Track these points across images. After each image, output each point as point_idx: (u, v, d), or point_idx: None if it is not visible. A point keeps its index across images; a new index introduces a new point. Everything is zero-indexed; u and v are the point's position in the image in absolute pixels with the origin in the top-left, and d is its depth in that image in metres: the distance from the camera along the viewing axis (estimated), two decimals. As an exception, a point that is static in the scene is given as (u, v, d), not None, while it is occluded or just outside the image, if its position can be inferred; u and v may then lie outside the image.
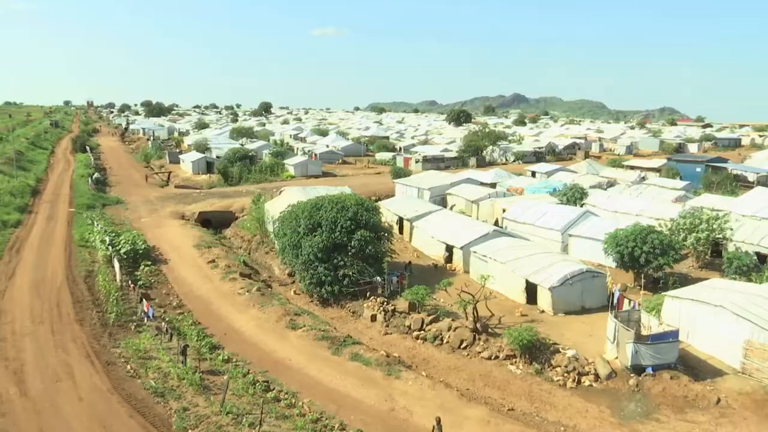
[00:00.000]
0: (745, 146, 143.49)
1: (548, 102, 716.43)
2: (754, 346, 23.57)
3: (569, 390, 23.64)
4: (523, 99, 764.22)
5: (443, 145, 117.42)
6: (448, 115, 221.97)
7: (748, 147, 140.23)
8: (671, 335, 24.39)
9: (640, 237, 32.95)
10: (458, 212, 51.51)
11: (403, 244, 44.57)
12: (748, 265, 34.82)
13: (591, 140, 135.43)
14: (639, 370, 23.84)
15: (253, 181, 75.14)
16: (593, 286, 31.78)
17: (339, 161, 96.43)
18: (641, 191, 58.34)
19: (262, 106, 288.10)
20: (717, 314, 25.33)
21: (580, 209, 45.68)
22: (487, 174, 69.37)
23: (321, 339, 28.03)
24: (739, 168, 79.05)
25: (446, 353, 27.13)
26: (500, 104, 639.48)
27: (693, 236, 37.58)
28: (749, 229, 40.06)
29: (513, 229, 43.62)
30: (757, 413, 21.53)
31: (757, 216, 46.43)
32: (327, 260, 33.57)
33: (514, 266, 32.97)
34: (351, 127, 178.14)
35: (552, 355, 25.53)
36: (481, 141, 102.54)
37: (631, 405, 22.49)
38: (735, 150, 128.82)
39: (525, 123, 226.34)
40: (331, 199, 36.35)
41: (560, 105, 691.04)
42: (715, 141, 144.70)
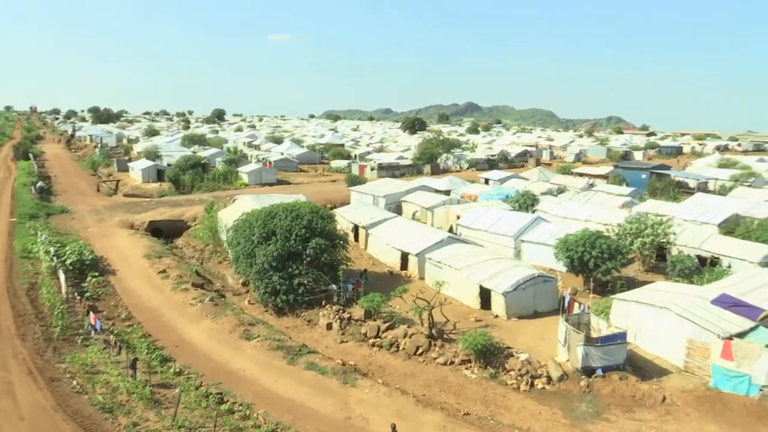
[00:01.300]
0: (686, 154, 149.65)
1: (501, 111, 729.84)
2: (696, 346, 24.54)
3: (523, 393, 24.04)
4: (476, 107, 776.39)
5: (398, 152, 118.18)
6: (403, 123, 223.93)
7: (689, 155, 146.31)
8: (619, 337, 25.11)
9: (589, 242, 33.91)
10: (413, 219, 51.87)
11: (359, 251, 44.56)
12: (690, 268, 36.27)
13: (542, 148, 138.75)
14: (589, 371, 24.45)
15: (206, 189, 73.81)
16: (545, 291, 32.47)
17: (294, 169, 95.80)
18: (590, 197, 60.07)
19: (215, 113, 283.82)
20: (662, 316, 26.27)
21: (532, 215, 46.66)
22: (442, 181, 70.15)
23: (276, 349, 27.68)
24: (680, 175, 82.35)
25: (402, 360, 27.21)
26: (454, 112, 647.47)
27: (639, 241, 38.93)
28: (691, 234, 41.76)
29: (467, 236, 44.20)
30: (698, 409, 22.40)
31: (697, 221, 48.49)
32: (282, 269, 33.23)
33: (468, 272, 33.39)
34: (306, 134, 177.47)
35: (506, 359, 25.92)
36: (435, 149, 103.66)
37: (582, 406, 23.03)
38: (677, 158, 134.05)
39: (478, 131, 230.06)
40: (286, 207, 36.06)
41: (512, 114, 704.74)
42: (659, 149, 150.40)
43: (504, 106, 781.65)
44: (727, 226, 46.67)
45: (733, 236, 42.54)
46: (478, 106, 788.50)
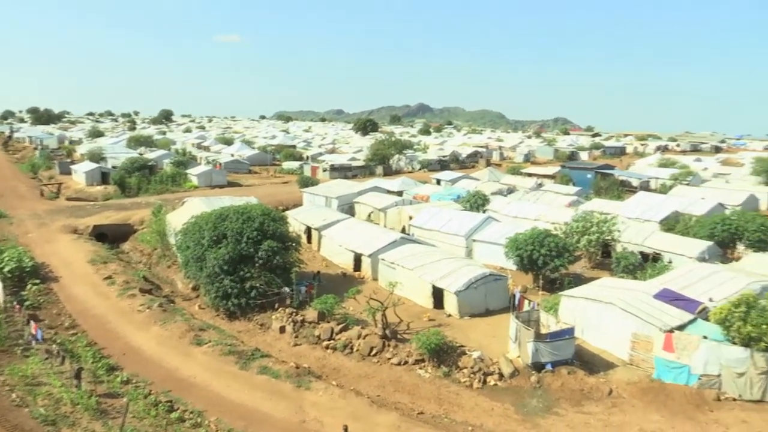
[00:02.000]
0: (629, 154, 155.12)
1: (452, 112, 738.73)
2: (640, 339, 25.46)
3: (476, 390, 24.40)
4: (427, 109, 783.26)
5: (350, 154, 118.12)
6: (355, 124, 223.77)
7: (632, 155, 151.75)
8: (567, 332, 25.80)
9: (538, 240, 34.69)
10: (366, 220, 51.92)
11: (312, 253, 44.28)
12: (633, 264, 37.59)
13: (492, 149, 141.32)
14: (539, 367, 25.02)
15: (153, 192, 71.87)
16: (496, 289, 33.05)
17: (245, 171, 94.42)
18: (538, 197, 61.48)
19: (162, 113, 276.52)
20: (607, 311, 27.14)
21: (483, 215, 47.42)
22: (394, 182, 70.50)
23: (228, 354, 27.21)
24: (624, 174, 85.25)
25: (356, 361, 27.19)
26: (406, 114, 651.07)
27: (585, 238, 40.09)
28: (634, 231, 43.29)
29: (420, 236, 44.55)
30: (642, 400, 23.26)
31: (640, 218, 50.34)
32: (233, 272, 32.69)
33: (421, 272, 33.65)
34: (257, 135, 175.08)
35: (459, 357, 26.26)
36: (387, 150, 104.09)
37: (533, 401, 23.55)
38: (620, 157, 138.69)
39: (430, 132, 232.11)
40: (237, 209, 35.51)
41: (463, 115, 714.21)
42: (603, 149, 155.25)
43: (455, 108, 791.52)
44: (668, 223, 48.61)
45: (673, 233, 44.37)
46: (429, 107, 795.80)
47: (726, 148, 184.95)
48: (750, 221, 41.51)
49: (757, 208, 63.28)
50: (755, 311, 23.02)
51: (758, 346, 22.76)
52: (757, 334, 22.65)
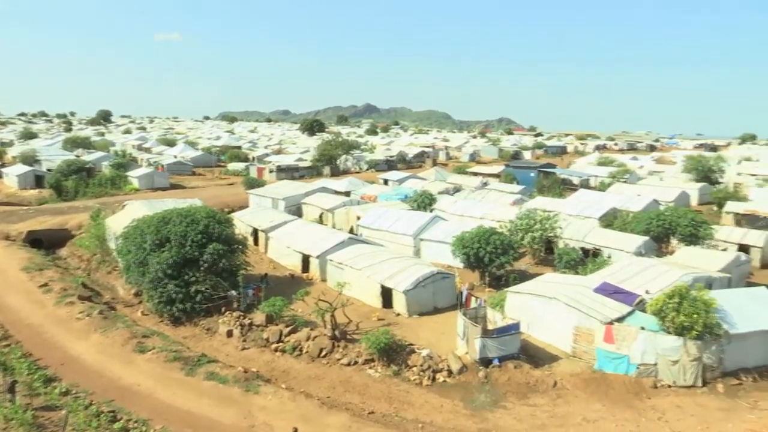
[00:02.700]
0: (570, 153, 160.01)
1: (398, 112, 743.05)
2: (582, 332, 26.33)
3: (425, 388, 24.66)
4: (374, 109, 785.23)
5: (297, 154, 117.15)
6: (301, 125, 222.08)
7: (572, 154, 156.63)
8: (513, 328, 26.39)
9: (484, 238, 35.36)
10: (314, 221, 51.62)
11: (259, 255, 43.70)
12: (575, 260, 38.80)
13: (438, 149, 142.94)
14: (487, 362, 25.50)
15: (92, 195, 69.29)
16: (444, 287, 33.47)
17: (189, 172, 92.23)
18: (484, 196, 62.62)
19: (100, 114, 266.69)
20: (551, 305, 27.92)
21: (430, 214, 47.93)
22: (341, 183, 70.35)
23: (173, 360, 26.53)
24: (565, 173, 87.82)
25: (306, 363, 27.01)
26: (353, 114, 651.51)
27: (529, 236, 41.12)
28: (575, 227, 44.68)
29: (368, 236, 44.63)
30: (585, 390, 24.07)
31: (581, 215, 51.99)
32: (177, 277, 31.88)
33: (369, 272, 33.72)
34: (201, 136, 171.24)
35: (408, 355, 26.47)
36: (334, 150, 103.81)
37: (482, 396, 23.99)
38: (561, 156, 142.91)
39: (377, 132, 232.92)
40: (180, 212, 34.66)
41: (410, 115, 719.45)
42: (545, 149, 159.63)
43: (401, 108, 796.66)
44: (607, 220, 50.41)
45: (612, 229, 46.03)
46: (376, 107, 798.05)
47: (660, 147, 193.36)
48: (682, 216, 43.53)
49: (688, 203, 66.50)
50: (687, 302, 24.18)
51: (690, 335, 23.95)
52: (689, 323, 23.82)
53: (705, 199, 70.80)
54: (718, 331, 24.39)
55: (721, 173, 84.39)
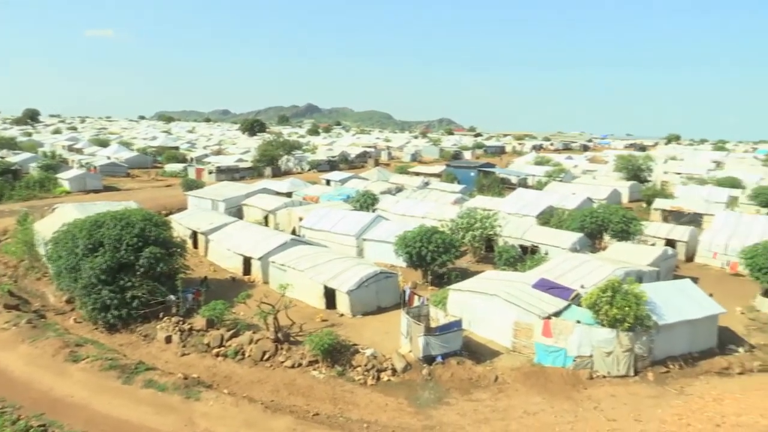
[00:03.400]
0: (508, 153, 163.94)
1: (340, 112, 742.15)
2: (521, 327, 27.03)
3: (370, 387, 24.70)
4: (316, 109, 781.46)
5: (237, 155, 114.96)
6: (241, 125, 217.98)
7: (511, 153, 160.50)
8: (455, 325, 26.78)
9: (426, 237, 35.76)
10: (255, 223, 50.81)
11: (199, 258, 42.66)
12: (514, 257, 39.83)
13: (380, 149, 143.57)
14: (430, 359, 25.79)
15: (19, 198, 65.74)
16: (387, 286, 33.63)
17: (123, 174, 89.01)
18: (425, 195, 63.32)
19: (26, 113, 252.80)
20: (492, 302, 28.54)
21: (373, 214, 48.08)
22: (283, 183, 69.61)
23: (108, 369, 25.51)
24: (504, 172, 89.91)
25: (249, 367, 26.56)
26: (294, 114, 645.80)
27: (470, 234, 41.87)
28: (514, 225, 45.81)
29: (310, 237, 44.34)
30: (525, 384, 24.71)
31: (519, 213, 53.35)
32: (112, 282, 30.69)
33: (312, 273, 33.51)
34: (136, 137, 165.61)
35: (352, 355, 26.45)
36: (276, 150, 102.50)
37: (426, 393, 24.24)
38: (500, 156, 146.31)
39: (318, 132, 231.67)
40: (115, 215, 33.37)
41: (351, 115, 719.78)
42: (485, 148, 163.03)
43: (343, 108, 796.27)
44: (544, 217, 51.97)
45: (549, 226, 47.50)
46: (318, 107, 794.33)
47: (593, 147, 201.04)
48: (614, 213, 45.37)
49: (619, 201, 69.42)
50: (619, 295, 25.24)
51: (623, 327, 25.00)
52: (622, 315, 24.87)
53: (635, 196, 74.10)
54: (648, 323, 25.55)
55: (649, 172, 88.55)
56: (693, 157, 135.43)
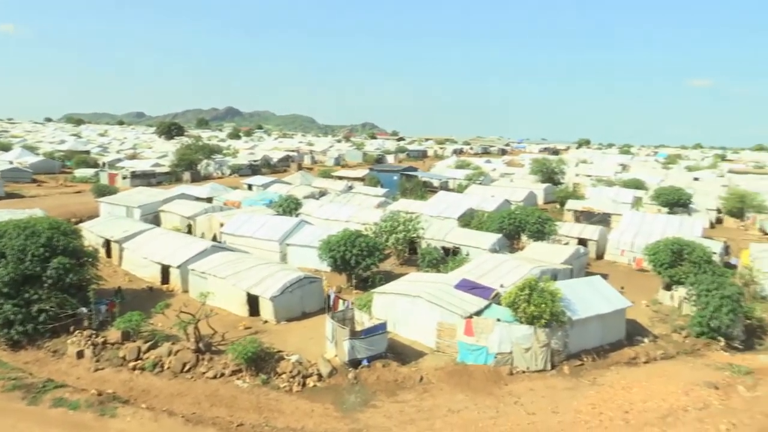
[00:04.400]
0: (430, 157, 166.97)
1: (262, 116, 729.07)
2: (444, 327, 27.61)
3: (295, 394, 24.42)
4: (237, 112, 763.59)
5: (154, 159, 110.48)
6: (158, 128, 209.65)
7: (433, 157, 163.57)
8: (380, 327, 26.96)
9: (350, 241, 35.83)
10: (173, 229, 49.10)
11: (113, 268, 40.71)
12: (437, 258, 40.63)
13: (303, 153, 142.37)
14: (356, 363, 25.83)
15: None
16: (311, 291, 33.42)
17: (28, 180, 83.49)
18: (349, 199, 63.50)
19: None
20: (415, 303, 28.96)
21: (296, 219, 47.64)
22: (203, 188, 67.71)
23: (12, 389, 23.87)
24: (426, 176, 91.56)
25: (168, 379, 25.59)
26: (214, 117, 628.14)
27: (393, 237, 42.35)
28: (436, 228, 46.75)
29: (232, 243, 43.35)
30: (449, 383, 25.24)
31: (441, 216, 54.50)
32: (15, 296, 28.67)
33: (234, 280, 32.78)
34: (42, 140, 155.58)
35: (277, 362, 26.06)
36: (194, 155, 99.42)
37: (352, 397, 24.25)
38: (423, 160, 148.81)
39: (240, 136, 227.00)
40: (18, 223, 31.24)
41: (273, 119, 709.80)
42: (408, 152, 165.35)
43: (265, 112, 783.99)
44: (465, 219, 53.35)
45: (469, 228, 48.81)
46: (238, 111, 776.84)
47: (510, 151, 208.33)
48: (530, 215, 47.27)
49: (535, 203, 72.43)
50: (536, 293, 26.30)
51: (540, 323, 26.06)
52: (538, 312, 25.93)
53: (549, 198, 77.48)
54: (563, 318, 26.77)
55: (562, 174, 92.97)
56: (601, 161, 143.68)
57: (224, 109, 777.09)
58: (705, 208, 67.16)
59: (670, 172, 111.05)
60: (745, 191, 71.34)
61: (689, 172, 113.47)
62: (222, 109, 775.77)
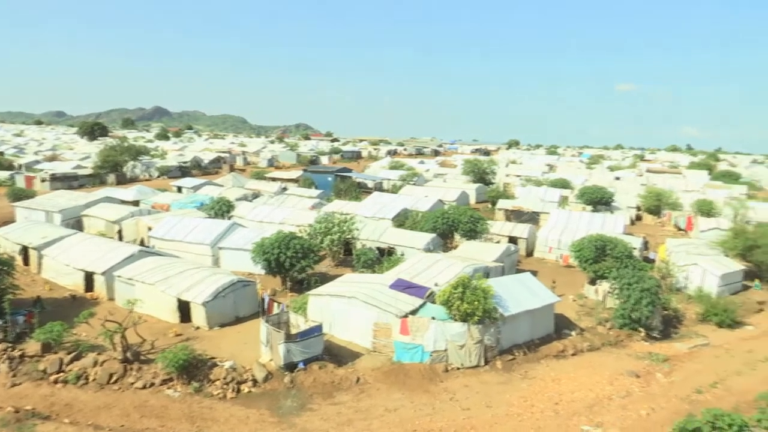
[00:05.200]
0: (365, 158, 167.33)
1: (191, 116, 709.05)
2: (380, 327, 27.75)
3: (230, 401, 23.89)
4: (165, 112, 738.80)
5: (75, 161, 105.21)
6: (80, 128, 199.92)
7: (367, 158, 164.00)
8: (316, 330, 26.80)
9: (284, 243, 35.42)
10: (98, 235, 46.96)
11: (31, 277, 38.51)
12: (372, 259, 40.74)
13: (235, 154, 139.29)
14: (292, 367, 25.57)
15: None
16: (245, 295, 32.79)
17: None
18: (283, 201, 62.74)
19: None
20: (351, 304, 28.96)
21: (228, 222, 46.60)
22: (129, 191, 65.20)
23: None
24: (360, 177, 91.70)
25: (94, 392, 24.43)
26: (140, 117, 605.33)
27: (328, 238, 42.19)
28: (371, 228, 46.90)
29: (161, 248, 41.94)
30: (386, 382, 25.40)
31: (376, 217, 54.71)
32: None
33: (164, 286, 31.70)
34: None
35: (210, 369, 25.42)
36: (120, 156, 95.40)
37: (288, 401, 23.96)
38: (357, 161, 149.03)
39: (168, 137, 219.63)
40: None
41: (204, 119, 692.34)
42: (342, 153, 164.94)
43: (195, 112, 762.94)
44: (399, 220, 53.77)
45: (404, 228, 49.25)
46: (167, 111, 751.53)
47: (443, 152, 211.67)
48: (463, 214, 48.22)
49: (468, 202, 73.94)
50: (469, 291, 26.88)
51: (473, 320, 26.64)
52: (472, 310, 26.51)
53: (481, 197, 79.31)
54: (495, 315, 27.48)
55: (493, 174, 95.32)
56: (530, 161, 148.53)
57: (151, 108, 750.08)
58: (626, 206, 70.71)
59: (593, 172, 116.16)
60: (661, 190, 75.63)
61: (611, 172, 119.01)
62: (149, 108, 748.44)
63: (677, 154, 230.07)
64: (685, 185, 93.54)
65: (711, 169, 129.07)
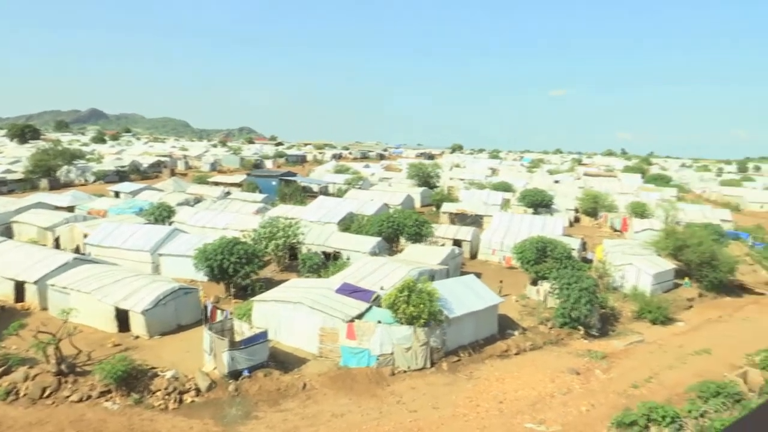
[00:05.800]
0: (309, 162, 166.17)
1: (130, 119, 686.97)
2: (327, 332, 27.63)
3: (172, 412, 23.23)
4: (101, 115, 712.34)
5: (5, 165, 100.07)
6: (9, 131, 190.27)
7: (312, 162, 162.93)
8: (261, 336, 26.42)
9: (227, 249, 34.75)
10: (29, 242, 44.81)
11: (-45, 287, 36.33)
12: (317, 264, 40.56)
13: (176, 158, 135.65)
14: (236, 374, 25.11)
15: None
16: (187, 303, 31.99)
17: None
18: (226, 206, 61.54)
19: None
20: (297, 310, 28.72)
21: (169, 227, 45.36)
22: (63, 197, 62.55)
23: None
24: (305, 181, 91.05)
25: (25, 408, 23.26)
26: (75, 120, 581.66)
27: (273, 243, 41.67)
28: (316, 233, 46.65)
29: (98, 255, 40.40)
30: (332, 388, 25.30)
31: (321, 221, 54.47)
32: None
33: (100, 295, 30.55)
34: None
35: (151, 380, 24.66)
36: (53, 160, 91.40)
37: (233, 410, 23.51)
38: (302, 165, 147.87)
39: (105, 140, 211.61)
40: None
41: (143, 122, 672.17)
42: (286, 157, 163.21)
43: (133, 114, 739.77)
44: (345, 224, 53.70)
45: (350, 232, 49.23)
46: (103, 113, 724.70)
47: (388, 156, 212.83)
48: (408, 218, 48.64)
49: (413, 206, 74.60)
50: (415, 294, 27.13)
51: (419, 323, 26.90)
52: (417, 312, 26.77)
53: (426, 201, 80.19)
54: (440, 317, 27.83)
55: (438, 178, 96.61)
56: (473, 165, 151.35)
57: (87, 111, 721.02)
58: (565, 208, 73.07)
59: (534, 176, 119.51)
60: (597, 192, 78.63)
61: (551, 176, 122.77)
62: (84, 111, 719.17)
63: (612, 158, 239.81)
64: (620, 188, 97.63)
65: (644, 172, 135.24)
